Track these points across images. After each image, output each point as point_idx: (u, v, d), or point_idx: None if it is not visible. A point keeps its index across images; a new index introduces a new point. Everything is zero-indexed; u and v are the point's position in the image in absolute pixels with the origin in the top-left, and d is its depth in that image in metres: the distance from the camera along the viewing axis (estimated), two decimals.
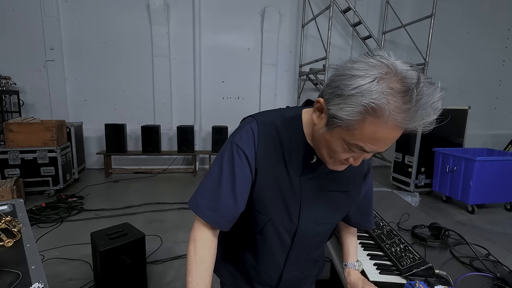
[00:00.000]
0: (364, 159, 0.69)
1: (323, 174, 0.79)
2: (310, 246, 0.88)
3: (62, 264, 2.40)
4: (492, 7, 6.42)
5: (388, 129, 0.56)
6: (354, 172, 0.82)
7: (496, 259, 1.15)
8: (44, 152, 3.84)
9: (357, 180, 0.84)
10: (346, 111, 0.58)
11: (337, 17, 5.61)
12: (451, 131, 4.48)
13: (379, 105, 0.53)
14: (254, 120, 0.78)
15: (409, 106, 0.53)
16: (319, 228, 0.84)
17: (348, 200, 0.85)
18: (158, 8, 5.11)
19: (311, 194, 0.79)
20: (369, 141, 0.59)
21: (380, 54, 0.59)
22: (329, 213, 0.83)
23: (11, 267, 0.95)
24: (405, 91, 0.53)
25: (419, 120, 0.54)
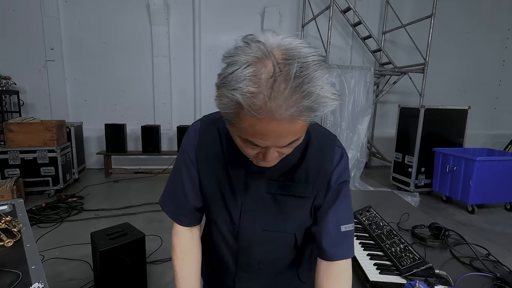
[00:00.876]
0: (283, 154, 0.60)
1: (275, 174, 0.72)
2: (262, 256, 0.79)
3: (62, 264, 2.40)
4: (492, 7, 6.42)
5: (264, 121, 0.49)
6: (316, 177, 0.72)
7: (496, 259, 1.15)
8: (44, 152, 3.84)
9: (317, 186, 0.73)
10: (220, 104, 0.53)
11: (337, 17, 5.60)
12: (451, 131, 4.48)
13: (240, 96, 0.47)
14: (199, 120, 0.79)
15: (272, 92, 0.46)
16: (268, 235, 0.76)
17: (303, 208, 0.74)
18: (158, 8, 5.10)
19: (256, 196, 0.73)
20: (253, 136, 0.53)
21: (256, 36, 0.52)
22: (279, 220, 0.75)
23: (11, 267, 0.95)
24: (271, 75, 0.46)
25: (294, 107, 0.47)
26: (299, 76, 0.46)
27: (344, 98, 4.62)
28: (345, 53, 5.98)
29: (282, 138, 0.53)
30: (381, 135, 6.30)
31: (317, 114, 0.49)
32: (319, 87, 0.47)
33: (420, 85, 5.03)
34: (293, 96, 0.46)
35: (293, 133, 0.53)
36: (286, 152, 0.60)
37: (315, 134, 0.72)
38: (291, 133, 0.53)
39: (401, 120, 4.75)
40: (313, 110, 0.48)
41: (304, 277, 0.87)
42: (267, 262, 0.81)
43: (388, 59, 5.31)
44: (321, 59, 0.49)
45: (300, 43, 0.51)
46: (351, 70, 4.61)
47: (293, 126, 0.50)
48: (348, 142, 4.71)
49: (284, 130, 0.51)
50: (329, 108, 0.49)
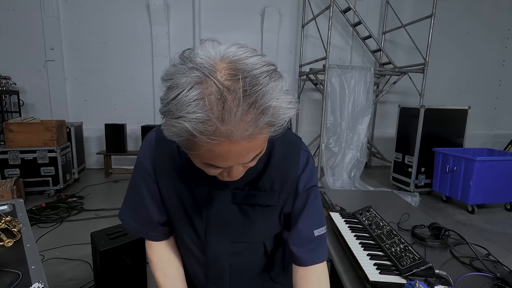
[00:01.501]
0: (248, 167, 0.58)
1: (240, 184, 0.68)
2: (232, 267, 0.77)
3: (62, 264, 2.40)
4: (492, 7, 6.42)
5: (222, 145, 0.45)
6: (281, 185, 0.70)
7: (496, 259, 1.15)
8: (44, 152, 3.84)
9: (284, 193, 0.71)
10: (169, 133, 0.47)
11: (337, 17, 5.60)
12: (451, 131, 4.48)
13: (188, 124, 0.43)
14: (154, 130, 0.74)
15: (224, 115, 0.42)
16: (236, 247, 0.74)
17: (270, 217, 0.72)
18: (158, 8, 5.10)
19: (222, 208, 0.70)
20: (214, 160, 0.50)
21: (195, 51, 0.47)
22: (247, 231, 0.73)
23: (11, 267, 0.95)
24: (219, 96, 0.42)
25: (251, 126, 0.44)
26: (251, 93, 0.42)
27: (344, 98, 4.62)
28: (345, 53, 5.98)
29: (244, 156, 0.50)
30: (381, 135, 6.30)
31: (278, 127, 0.47)
32: (274, 100, 0.44)
33: (420, 85, 5.03)
34: (248, 116, 0.43)
35: (255, 149, 0.50)
36: (251, 165, 0.57)
37: (278, 139, 0.62)
38: (253, 150, 0.50)
39: (401, 120, 4.75)
40: (273, 125, 0.46)
41: (278, 279, 0.86)
42: (237, 272, 0.78)
43: (388, 59, 5.31)
44: (270, 68, 0.46)
45: (245, 52, 0.46)
46: (351, 70, 4.61)
47: (254, 143, 0.47)
48: (348, 142, 4.71)
49: (245, 150, 0.48)
50: (287, 118, 0.47)
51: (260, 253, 0.78)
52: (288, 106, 0.46)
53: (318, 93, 5.75)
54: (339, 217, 1.46)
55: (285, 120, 0.46)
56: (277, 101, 0.44)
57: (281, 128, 0.48)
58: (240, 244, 0.75)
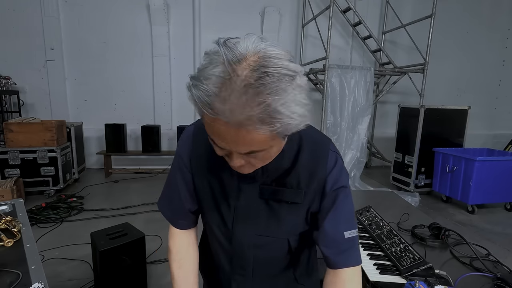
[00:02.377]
0: (254, 165, 0.60)
1: (268, 180, 0.71)
2: (256, 259, 0.79)
3: (62, 264, 2.40)
4: (492, 7, 6.42)
5: (216, 121, 0.49)
6: (308, 183, 0.71)
7: (496, 259, 1.15)
8: (44, 152, 3.84)
9: (310, 192, 0.72)
10: (190, 95, 0.52)
11: (337, 17, 5.60)
12: (451, 131, 4.48)
13: (199, 92, 0.48)
14: (193, 124, 0.80)
15: (226, 94, 0.46)
16: (261, 240, 0.76)
17: (296, 214, 0.73)
18: (158, 8, 5.10)
19: (249, 201, 0.73)
20: (213, 134, 0.54)
21: (237, 39, 0.54)
22: (272, 225, 0.75)
23: (11, 267, 0.95)
24: (232, 78, 0.46)
25: (243, 114, 0.46)
26: (259, 85, 0.45)
27: (344, 98, 4.62)
28: (345, 53, 5.98)
29: (238, 144, 0.52)
30: (381, 135, 6.30)
31: (271, 129, 0.47)
32: (280, 101, 0.45)
33: (420, 85, 5.03)
34: (246, 103, 0.45)
35: (250, 143, 0.51)
36: (255, 162, 0.59)
37: (307, 139, 0.71)
38: (248, 143, 0.51)
39: (401, 120, 4.75)
40: (264, 123, 0.46)
41: (302, 280, 0.86)
42: (261, 265, 0.80)
43: (388, 59, 5.31)
44: (290, 73, 0.47)
45: (278, 53, 0.49)
46: (351, 70, 4.61)
47: (248, 135, 0.48)
48: (348, 142, 4.71)
49: (238, 137, 0.49)
50: (290, 127, 0.48)
51: (284, 249, 0.79)
52: (292, 115, 0.47)
53: (318, 93, 5.74)
54: None
55: (284, 127, 0.47)
56: (282, 106, 0.46)
57: (281, 133, 0.49)
58: (265, 238, 0.76)
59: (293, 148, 0.69)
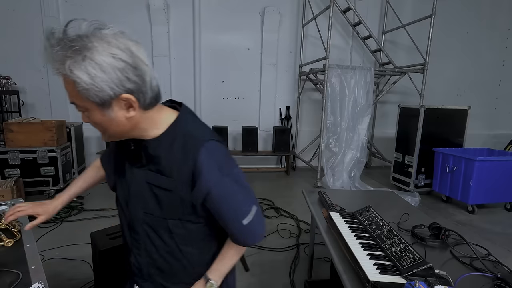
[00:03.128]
0: (90, 120, 0.74)
1: (153, 167, 0.82)
2: (143, 235, 0.90)
3: (62, 264, 2.40)
4: (492, 7, 6.42)
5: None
6: (180, 173, 0.79)
7: (496, 259, 1.15)
8: (44, 152, 3.84)
9: (180, 181, 0.79)
10: None
11: (337, 17, 5.60)
12: (451, 131, 4.48)
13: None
14: None
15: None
16: (147, 217, 0.87)
17: (171, 200, 0.82)
18: (158, 8, 5.10)
19: (139, 182, 0.86)
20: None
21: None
22: (154, 206, 0.85)
23: (11, 267, 0.95)
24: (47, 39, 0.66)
25: (54, 63, 0.66)
26: (59, 50, 0.65)
27: (344, 98, 4.62)
28: (345, 53, 5.98)
29: (68, 94, 0.70)
30: (381, 135, 6.30)
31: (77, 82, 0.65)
32: (77, 63, 0.65)
33: (420, 85, 5.03)
34: (56, 56, 0.65)
35: (70, 94, 0.70)
36: (95, 125, 0.75)
37: (181, 132, 0.81)
38: (69, 93, 0.70)
39: (401, 120, 4.75)
40: (68, 77, 0.66)
41: (194, 262, 0.93)
42: (149, 240, 0.89)
43: (388, 59, 5.31)
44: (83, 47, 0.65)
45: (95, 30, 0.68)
46: (351, 70, 4.61)
47: (66, 85, 0.69)
48: (348, 142, 4.71)
49: (66, 87, 0.69)
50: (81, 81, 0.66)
51: (166, 229, 0.87)
52: (78, 80, 0.65)
53: (318, 93, 5.74)
54: (339, 217, 1.45)
55: (81, 83, 0.65)
56: (78, 65, 0.65)
57: (88, 91, 0.66)
58: (149, 216, 0.87)
59: (169, 138, 0.80)
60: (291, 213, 3.60)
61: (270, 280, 2.31)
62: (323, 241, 1.33)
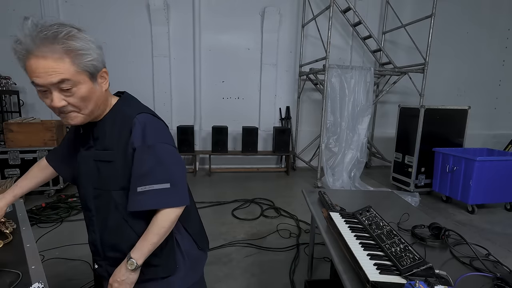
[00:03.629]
0: (70, 103, 0.83)
1: (99, 147, 0.95)
2: (96, 210, 1.00)
3: (62, 264, 2.40)
4: (492, 7, 6.42)
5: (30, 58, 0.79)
6: (118, 145, 0.92)
7: (496, 259, 1.15)
8: (44, 152, 3.84)
9: (120, 151, 0.92)
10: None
11: (337, 17, 5.60)
12: (451, 131, 4.48)
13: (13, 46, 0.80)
14: None
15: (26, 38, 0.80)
16: (97, 193, 0.97)
17: (114, 170, 0.93)
18: (158, 8, 5.10)
19: (87, 162, 0.97)
20: (32, 75, 0.80)
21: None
22: (101, 180, 0.96)
23: (11, 267, 0.95)
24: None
25: (43, 44, 0.77)
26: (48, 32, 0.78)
27: (344, 98, 4.62)
28: (345, 53, 5.98)
29: (50, 74, 0.77)
30: (381, 135, 6.30)
31: (72, 53, 0.79)
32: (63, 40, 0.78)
33: (420, 85, 5.03)
34: (44, 41, 0.77)
35: (58, 70, 0.77)
36: (70, 99, 0.83)
37: (121, 110, 0.96)
38: (56, 70, 0.77)
39: (401, 120, 4.75)
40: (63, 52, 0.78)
41: (139, 230, 0.97)
42: (100, 214, 0.99)
43: (388, 59, 5.31)
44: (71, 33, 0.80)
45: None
46: (351, 70, 4.61)
47: (53, 64, 0.77)
48: (348, 142, 4.71)
49: (50, 68, 0.77)
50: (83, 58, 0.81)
51: (112, 200, 0.96)
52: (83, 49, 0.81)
53: (318, 93, 5.74)
54: (339, 217, 1.45)
55: (83, 54, 0.81)
56: (72, 38, 0.80)
57: (86, 62, 0.82)
58: (98, 190, 0.97)
59: (111, 118, 0.95)
60: (291, 213, 3.60)
61: (270, 280, 2.31)
62: (323, 241, 1.33)
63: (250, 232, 3.12)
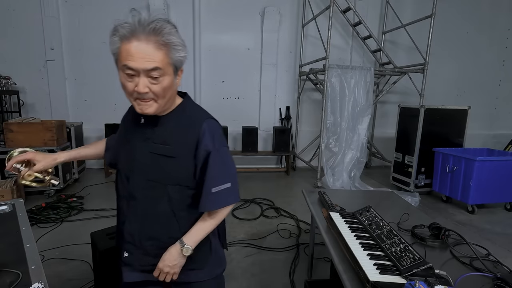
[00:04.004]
0: (153, 91, 0.89)
1: (157, 139, 0.98)
2: (145, 202, 1.01)
3: (62, 264, 2.40)
4: (492, 7, 6.42)
5: (131, 41, 0.85)
6: (184, 141, 0.96)
7: (496, 259, 1.15)
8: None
9: (185, 148, 0.96)
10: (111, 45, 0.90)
11: (337, 17, 5.60)
12: (451, 131, 4.48)
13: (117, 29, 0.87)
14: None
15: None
16: (149, 185, 0.99)
17: (175, 166, 0.97)
18: (158, 8, 5.10)
19: (144, 154, 0.99)
20: (128, 59, 0.85)
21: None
22: (158, 174, 0.98)
23: (11, 267, 0.95)
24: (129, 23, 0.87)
25: (150, 33, 0.86)
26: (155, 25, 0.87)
27: (344, 98, 4.62)
28: (345, 53, 5.97)
29: (146, 60, 0.84)
30: (381, 135, 6.30)
31: (171, 49, 0.90)
32: (168, 34, 0.90)
33: (420, 85, 5.03)
34: (150, 35, 0.86)
35: (155, 58, 0.85)
36: (155, 87, 0.88)
37: (188, 111, 1.02)
38: (153, 58, 0.84)
39: (401, 120, 4.75)
40: (164, 44, 0.88)
41: (184, 226, 1.03)
42: (148, 207, 1.01)
43: (388, 59, 5.31)
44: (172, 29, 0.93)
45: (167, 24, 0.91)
46: (351, 70, 4.61)
47: (155, 52, 0.85)
48: (348, 142, 4.71)
49: (148, 54, 0.84)
50: (176, 46, 0.92)
51: (166, 193, 0.99)
52: (178, 45, 0.93)
53: (318, 93, 5.74)
54: (339, 217, 1.46)
55: (177, 49, 0.93)
56: (173, 34, 0.92)
57: (177, 57, 0.92)
58: (150, 183, 0.99)
59: (176, 115, 1.00)
60: (291, 213, 3.60)
61: (270, 280, 2.32)
62: (323, 241, 1.33)
63: (250, 232, 3.12)
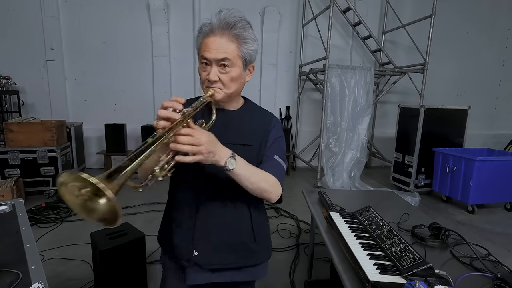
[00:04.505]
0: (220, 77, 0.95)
1: (226, 131, 1.01)
2: (223, 195, 1.02)
3: (62, 264, 2.40)
4: (492, 7, 6.42)
5: (210, 35, 0.95)
6: (256, 130, 1.05)
7: (496, 259, 1.15)
8: (44, 152, 3.84)
9: (260, 137, 1.05)
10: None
11: (337, 17, 5.60)
12: (451, 131, 4.48)
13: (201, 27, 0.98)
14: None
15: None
16: (227, 175, 0.94)
17: (251, 152, 1.02)
18: (158, 8, 5.10)
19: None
20: (205, 50, 0.95)
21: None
22: None
23: (11, 267, 0.95)
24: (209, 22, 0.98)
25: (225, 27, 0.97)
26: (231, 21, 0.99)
27: (344, 98, 4.62)
28: (345, 53, 5.97)
29: (219, 51, 0.93)
30: (381, 135, 6.30)
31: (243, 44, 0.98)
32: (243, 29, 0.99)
33: (420, 85, 5.03)
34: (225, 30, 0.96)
35: (227, 50, 0.94)
36: (223, 76, 0.95)
37: (257, 108, 1.14)
38: (225, 49, 0.94)
39: (401, 120, 4.75)
40: (239, 37, 0.97)
41: (256, 218, 1.07)
42: (226, 200, 1.03)
43: (388, 59, 5.31)
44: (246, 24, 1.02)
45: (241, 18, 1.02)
46: (351, 70, 4.61)
47: (228, 45, 0.94)
48: (348, 142, 4.71)
49: (220, 46, 0.94)
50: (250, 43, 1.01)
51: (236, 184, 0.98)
52: (249, 39, 1.00)
53: (318, 93, 5.74)
54: (339, 217, 1.46)
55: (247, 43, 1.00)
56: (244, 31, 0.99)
57: (247, 50, 0.99)
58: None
59: (246, 111, 1.09)
60: (291, 213, 3.60)
61: (270, 280, 2.31)
62: (323, 241, 1.33)
63: None
